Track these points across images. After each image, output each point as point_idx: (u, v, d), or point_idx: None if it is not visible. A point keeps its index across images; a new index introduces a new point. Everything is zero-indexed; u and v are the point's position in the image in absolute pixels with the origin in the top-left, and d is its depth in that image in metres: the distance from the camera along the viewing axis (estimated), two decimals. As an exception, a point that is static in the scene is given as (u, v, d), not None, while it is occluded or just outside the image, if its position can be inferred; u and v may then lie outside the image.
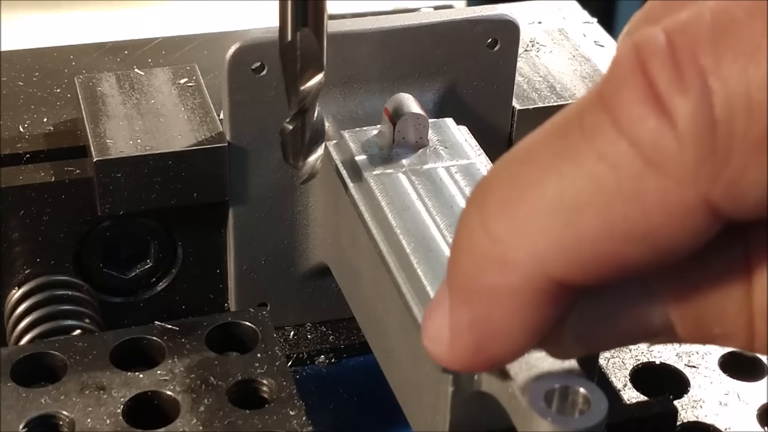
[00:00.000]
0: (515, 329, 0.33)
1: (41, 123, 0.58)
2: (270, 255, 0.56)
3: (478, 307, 0.33)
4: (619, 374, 0.49)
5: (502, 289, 0.32)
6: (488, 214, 0.32)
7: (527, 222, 0.31)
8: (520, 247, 0.31)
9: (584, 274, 0.31)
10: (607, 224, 0.30)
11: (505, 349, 0.34)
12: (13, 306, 0.54)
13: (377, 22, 0.53)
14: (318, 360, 0.57)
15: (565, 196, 0.30)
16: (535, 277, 0.31)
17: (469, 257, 0.33)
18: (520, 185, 0.31)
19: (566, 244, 0.30)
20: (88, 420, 0.44)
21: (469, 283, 0.33)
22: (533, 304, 0.32)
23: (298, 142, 0.47)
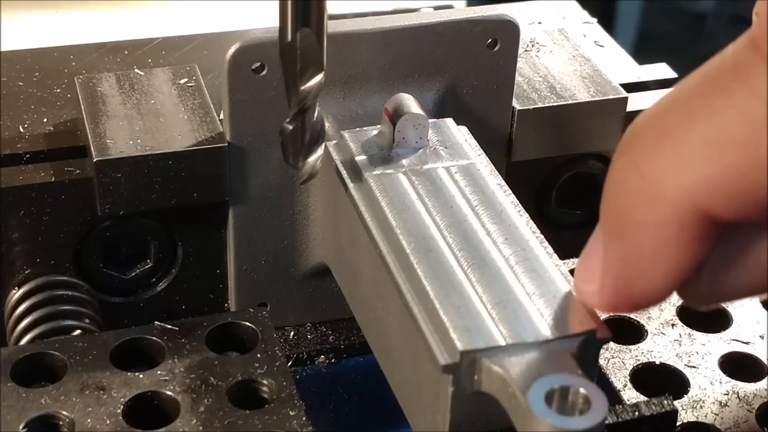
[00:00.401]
0: (662, 265, 0.35)
1: (41, 123, 0.58)
2: (270, 255, 0.56)
3: (630, 242, 0.35)
4: (619, 374, 0.49)
5: (653, 224, 0.34)
6: (639, 154, 0.34)
7: (677, 157, 0.33)
8: (671, 181, 0.33)
9: (732, 207, 0.32)
10: (755, 155, 0.31)
11: (650, 288, 0.35)
12: (13, 306, 0.54)
13: (377, 22, 0.53)
14: (318, 360, 0.57)
15: (715, 131, 0.32)
16: (683, 210, 0.33)
17: (620, 195, 0.35)
18: (671, 125, 0.33)
19: (716, 176, 0.32)
20: (88, 420, 0.44)
21: (621, 220, 0.35)
22: (680, 238, 0.34)
23: (298, 142, 0.47)
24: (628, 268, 0.35)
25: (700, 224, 0.33)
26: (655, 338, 0.51)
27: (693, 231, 0.34)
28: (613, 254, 0.36)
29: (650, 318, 0.52)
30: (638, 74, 0.64)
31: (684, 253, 0.34)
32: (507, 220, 0.46)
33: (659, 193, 0.33)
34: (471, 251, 0.44)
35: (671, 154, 0.33)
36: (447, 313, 0.41)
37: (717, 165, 0.32)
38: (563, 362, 0.39)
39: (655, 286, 0.35)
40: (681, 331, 0.51)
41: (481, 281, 0.43)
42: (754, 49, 0.32)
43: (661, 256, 0.34)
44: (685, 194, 0.33)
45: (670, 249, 0.34)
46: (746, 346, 0.51)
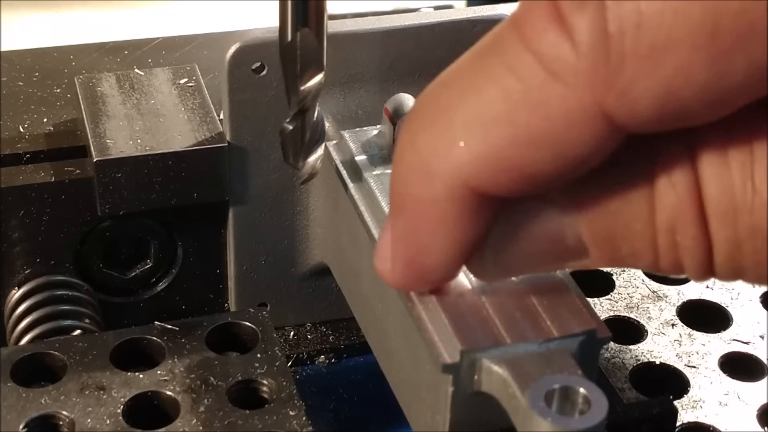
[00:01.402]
0: (442, 241, 0.36)
1: (41, 123, 0.58)
2: (270, 255, 0.56)
3: (408, 218, 0.36)
4: (619, 374, 0.49)
5: (426, 199, 0.35)
6: (415, 131, 0.35)
7: (447, 134, 0.34)
8: (440, 158, 0.34)
9: (497, 183, 0.34)
10: (514, 132, 0.33)
11: (435, 263, 0.37)
12: (13, 306, 0.54)
13: (377, 22, 0.53)
14: (318, 360, 0.57)
15: (479, 109, 0.33)
16: (454, 186, 0.34)
17: (398, 171, 0.36)
18: (443, 103, 0.34)
19: (480, 153, 0.33)
20: (88, 420, 0.44)
21: (399, 195, 0.36)
22: (454, 214, 0.35)
23: (298, 142, 0.47)
24: (412, 245, 0.37)
25: (472, 200, 0.34)
26: (655, 338, 0.51)
27: (466, 206, 0.35)
28: (397, 231, 0.37)
29: (650, 318, 0.52)
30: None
31: (461, 228, 0.35)
32: (507, 220, 0.46)
33: (430, 170, 0.34)
34: (471, 251, 0.44)
35: (441, 131, 0.34)
36: (447, 313, 0.41)
37: (481, 142, 0.33)
38: (563, 362, 0.39)
39: (440, 262, 0.37)
40: (681, 331, 0.51)
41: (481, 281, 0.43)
42: (513, 28, 0.33)
43: (439, 232, 0.35)
44: (454, 171, 0.34)
45: (447, 224, 0.35)
46: (746, 346, 0.51)
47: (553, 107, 0.32)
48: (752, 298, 0.53)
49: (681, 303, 0.52)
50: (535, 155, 0.33)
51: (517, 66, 0.32)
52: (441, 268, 0.37)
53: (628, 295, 0.53)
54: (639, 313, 0.52)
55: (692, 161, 0.33)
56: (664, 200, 0.33)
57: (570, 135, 0.32)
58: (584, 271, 0.53)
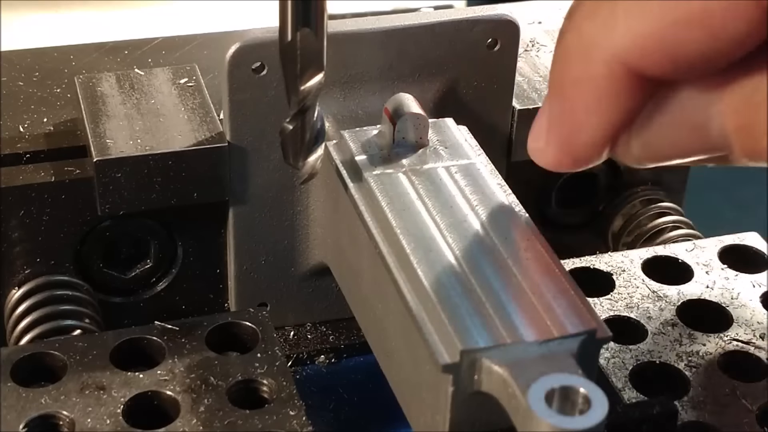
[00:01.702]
0: (597, 118, 0.38)
1: (41, 123, 0.58)
2: (270, 255, 0.56)
3: (566, 97, 0.38)
4: (619, 374, 0.49)
5: (586, 79, 0.37)
6: (579, 16, 0.38)
7: (610, 17, 0.36)
8: (602, 39, 0.36)
9: (654, 62, 0.36)
10: (673, 12, 0.35)
11: (587, 140, 0.39)
12: (13, 306, 0.54)
13: (377, 22, 0.53)
14: (318, 360, 0.57)
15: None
16: (613, 65, 0.36)
17: (560, 54, 0.38)
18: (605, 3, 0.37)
19: (639, 32, 0.35)
20: (88, 420, 0.44)
21: (560, 76, 0.39)
22: (611, 91, 0.37)
23: (298, 142, 0.47)
24: (567, 123, 0.39)
25: (628, 79, 0.37)
26: (655, 338, 0.51)
27: (622, 85, 0.37)
28: (554, 111, 0.39)
29: (650, 318, 0.52)
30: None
31: (615, 106, 0.38)
32: (507, 219, 0.46)
33: (592, 51, 0.37)
34: (471, 251, 0.44)
35: (605, 14, 0.36)
36: (447, 313, 0.41)
37: (641, 22, 0.35)
38: (563, 362, 0.39)
39: (593, 139, 0.39)
40: (681, 331, 0.51)
41: (481, 281, 0.43)
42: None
43: (595, 110, 0.38)
44: (614, 50, 0.36)
45: (603, 102, 0.38)
46: (746, 346, 0.51)
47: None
48: (752, 298, 0.53)
49: (681, 303, 0.52)
50: (691, 35, 0.34)
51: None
52: (592, 147, 0.39)
53: (628, 295, 0.53)
54: (639, 313, 0.52)
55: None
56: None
57: (726, 15, 0.34)
58: (584, 271, 0.53)
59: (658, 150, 0.39)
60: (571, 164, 0.40)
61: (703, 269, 0.54)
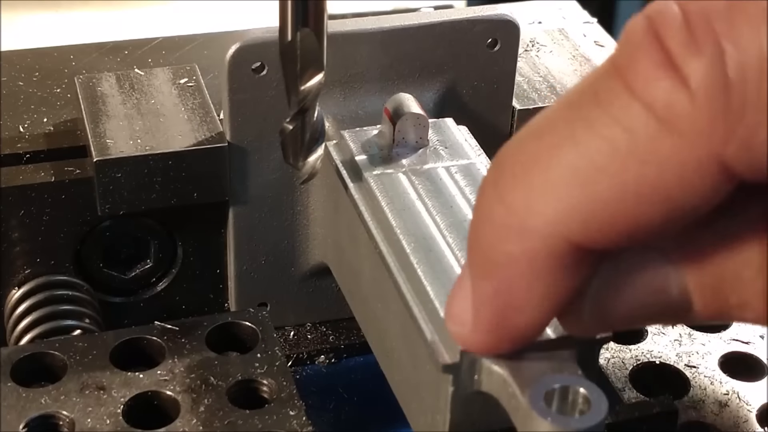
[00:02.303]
0: (535, 298, 0.33)
1: (41, 123, 0.58)
2: (270, 255, 0.56)
3: (499, 277, 0.34)
4: (619, 374, 0.49)
5: (522, 257, 0.33)
6: (504, 186, 0.33)
7: (544, 189, 0.32)
8: (538, 213, 0.32)
9: (601, 237, 0.32)
10: (622, 185, 0.31)
11: (526, 321, 0.34)
12: (13, 306, 0.54)
13: (377, 22, 0.53)
14: (318, 360, 0.57)
15: (580, 162, 0.31)
16: (552, 241, 0.32)
17: (487, 230, 0.34)
18: (535, 156, 0.32)
19: (583, 207, 0.31)
20: (88, 420, 0.44)
21: (488, 255, 0.34)
22: (552, 269, 0.33)
23: (298, 142, 0.47)
24: (501, 305, 0.34)
25: (571, 254, 0.32)
26: (655, 338, 0.51)
27: (564, 260, 0.33)
28: (483, 292, 0.35)
29: (650, 318, 0.52)
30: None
31: (559, 284, 0.33)
32: (507, 220, 0.46)
33: (526, 226, 0.32)
34: (471, 251, 0.44)
35: (535, 184, 0.32)
36: (447, 313, 0.41)
37: (582, 195, 0.31)
38: (563, 362, 0.39)
39: (532, 319, 0.34)
40: (681, 331, 0.51)
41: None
42: (615, 75, 0.31)
43: (534, 289, 0.33)
44: (554, 227, 0.32)
45: (543, 280, 0.33)
46: (746, 346, 0.51)
47: (666, 159, 0.30)
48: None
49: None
50: (643, 209, 0.31)
51: (624, 116, 0.30)
52: (533, 327, 0.35)
53: (628, 295, 0.53)
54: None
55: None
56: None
57: (682, 187, 0.30)
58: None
59: (612, 318, 0.35)
60: (507, 345, 0.36)
61: (703, 269, 0.54)
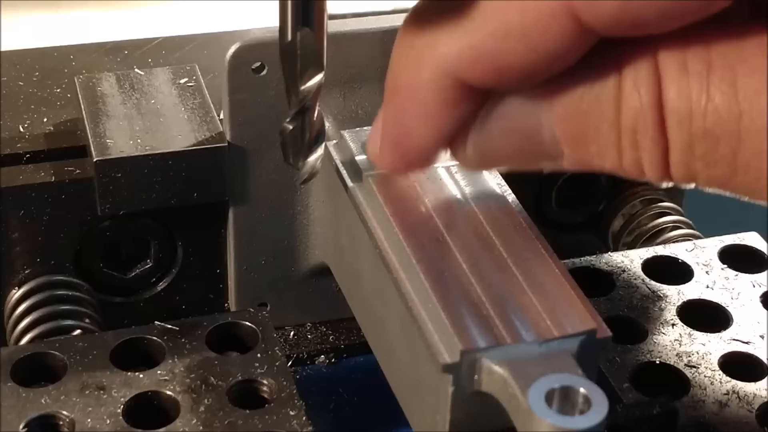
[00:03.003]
0: (426, 124, 0.40)
1: (41, 123, 0.58)
2: (270, 255, 0.56)
3: (397, 102, 0.40)
4: (619, 374, 0.49)
5: (414, 86, 0.39)
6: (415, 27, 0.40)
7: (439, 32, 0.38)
8: (430, 50, 0.38)
9: (476, 73, 0.37)
10: (490, 26, 0.37)
11: (419, 144, 0.41)
12: (13, 306, 0.54)
13: (377, 22, 0.53)
14: (318, 360, 0.57)
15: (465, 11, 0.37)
16: (438, 74, 0.38)
17: (393, 62, 0.41)
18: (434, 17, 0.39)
19: (462, 46, 0.37)
20: (88, 420, 0.44)
21: (392, 82, 0.41)
22: (437, 99, 0.39)
23: (298, 142, 0.47)
24: (398, 127, 0.41)
25: (454, 88, 0.38)
26: (655, 338, 0.51)
27: (448, 93, 0.39)
28: (387, 116, 0.41)
29: (650, 318, 0.52)
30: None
31: (443, 113, 0.39)
32: (507, 219, 0.46)
33: (420, 61, 0.39)
34: (471, 251, 0.44)
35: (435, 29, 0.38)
36: (447, 313, 0.41)
37: (464, 36, 0.37)
38: (563, 362, 0.39)
39: (423, 143, 0.40)
40: (681, 331, 0.51)
41: (481, 281, 0.43)
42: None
43: (423, 116, 0.40)
44: (440, 62, 0.38)
45: (430, 109, 0.39)
46: (746, 346, 0.51)
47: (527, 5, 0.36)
48: (752, 298, 0.53)
49: (681, 303, 0.52)
50: (508, 47, 0.36)
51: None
52: (425, 151, 0.41)
53: (628, 295, 0.53)
54: (639, 313, 0.52)
55: (656, 67, 0.36)
56: (629, 102, 0.36)
57: (540, 29, 0.36)
58: (584, 271, 0.53)
59: (492, 155, 0.40)
60: (405, 167, 0.42)
61: (703, 269, 0.54)
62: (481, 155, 0.40)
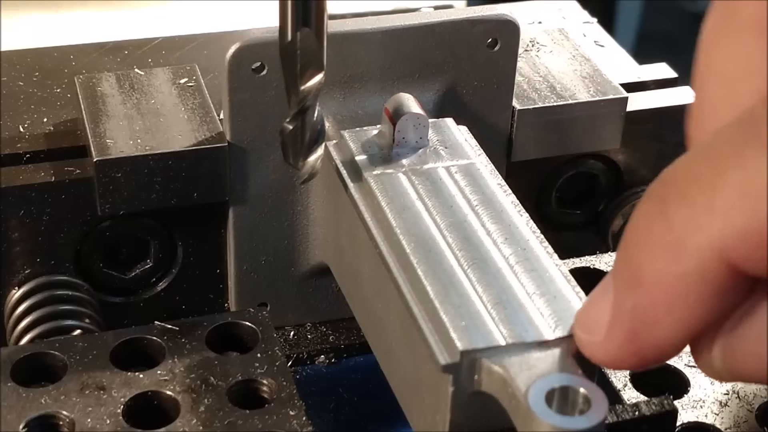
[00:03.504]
0: (679, 318, 0.33)
1: (41, 123, 0.58)
2: (270, 255, 0.56)
3: (645, 292, 0.34)
4: (619, 374, 0.49)
5: (673, 275, 0.33)
6: (669, 202, 0.33)
7: (709, 206, 0.32)
8: (700, 231, 0.32)
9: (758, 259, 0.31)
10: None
11: (661, 341, 0.34)
12: (13, 306, 0.54)
13: (377, 22, 0.53)
14: (318, 360, 0.57)
15: (748, 180, 0.31)
16: (710, 262, 0.32)
17: (644, 244, 0.34)
18: (703, 174, 0.32)
19: (745, 226, 0.31)
20: (88, 420, 0.44)
21: (640, 269, 0.34)
22: (701, 289, 0.33)
23: (298, 142, 0.47)
24: (641, 320, 0.34)
25: (726, 276, 0.32)
26: (655, 338, 0.51)
27: (716, 283, 0.33)
28: (625, 304, 0.34)
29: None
30: (638, 74, 0.64)
31: (705, 306, 0.33)
32: (507, 220, 0.46)
33: (686, 244, 0.32)
34: (471, 251, 0.44)
35: (702, 203, 0.32)
36: (447, 313, 0.41)
37: (749, 214, 0.31)
38: (563, 362, 0.39)
39: (668, 340, 0.34)
40: (681, 331, 0.51)
41: (481, 281, 0.43)
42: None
43: (679, 308, 0.33)
44: (713, 243, 0.32)
45: (689, 301, 0.33)
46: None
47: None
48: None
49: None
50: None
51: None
52: (666, 348, 0.35)
53: (628, 295, 0.53)
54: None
55: None
56: None
57: None
58: (584, 271, 0.53)
59: (743, 363, 0.34)
60: (636, 363, 0.36)
61: (703, 269, 0.54)
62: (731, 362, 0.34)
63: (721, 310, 0.33)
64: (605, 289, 0.35)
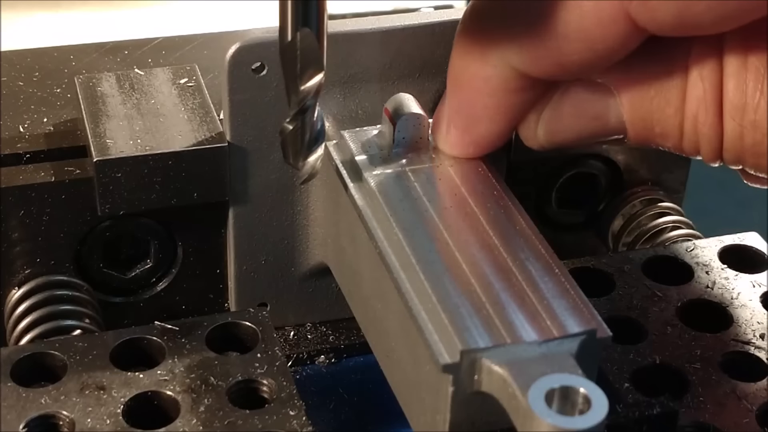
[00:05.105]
0: (492, 111, 0.45)
1: (41, 123, 0.58)
2: (270, 255, 0.56)
3: (464, 93, 0.45)
4: (619, 374, 0.49)
5: (481, 78, 0.44)
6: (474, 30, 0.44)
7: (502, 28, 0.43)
8: (494, 48, 0.43)
9: (539, 67, 0.42)
10: (553, 26, 0.41)
11: (487, 130, 0.46)
12: (13, 306, 0.54)
13: (377, 22, 0.53)
14: (318, 360, 0.57)
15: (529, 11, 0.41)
16: (502, 68, 0.43)
17: (458, 58, 0.45)
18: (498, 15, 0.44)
19: (525, 44, 0.42)
20: (88, 420, 0.44)
21: (456, 76, 0.45)
22: (503, 90, 0.44)
23: (298, 142, 0.47)
24: (467, 116, 0.46)
25: (519, 79, 0.43)
26: (655, 338, 0.51)
27: (515, 84, 0.44)
28: (453, 105, 0.46)
29: (650, 318, 0.52)
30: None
31: (510, 101, 0.44)
32: (507, 219, 0.46)
33: (486, 56, 0.44)
34: (471, 251, 0.44)
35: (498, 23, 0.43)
36: (447, 313, 0.41)
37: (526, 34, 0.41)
38: (563, 362, 0.39)
39: (490, 130, 0.46)
40: (681, 331, 0.51)
41: (481, 281, 0.43)
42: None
43: (492, 104, 0.45)
44: (503, 57, 0.43)
45: (498, 97, 0.44)
46: (746, 346, 0.51)
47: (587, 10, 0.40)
48: (752, 298, 0.53)
49: (681, 303, 0.52)
50: (569, 47, 0.41)
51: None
52: (491, 136, 0.46)
53: (628, 295, 0.53)
54: (639, 313, 0.52)
55: (720, 61, 0.40)
56: (693, 91, 0.41)
57: (599, 31, 0.40)
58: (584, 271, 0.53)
59: (561, 136, 0.45)
60: (474, 151, 0.47)
61: (703, 269, 0.54)
62: (551, 136, 0.45)
63: (527, 101, 0.45)
64: (444, 96, 0.47)
